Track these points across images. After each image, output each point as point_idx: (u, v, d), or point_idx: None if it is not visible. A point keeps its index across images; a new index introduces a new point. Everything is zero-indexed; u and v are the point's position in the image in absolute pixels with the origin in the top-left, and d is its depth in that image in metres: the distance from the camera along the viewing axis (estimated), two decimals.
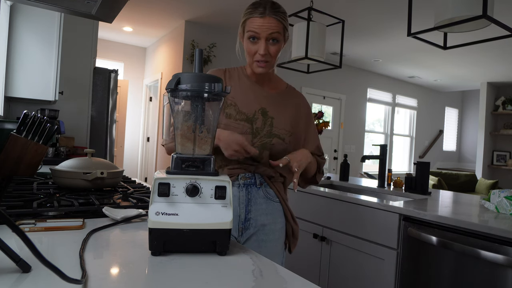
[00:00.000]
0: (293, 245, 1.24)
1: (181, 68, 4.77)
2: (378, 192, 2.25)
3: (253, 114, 1.14)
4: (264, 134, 1.13)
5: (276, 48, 1.10)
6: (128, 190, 1.21)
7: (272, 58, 1.11)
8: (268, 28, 1.05)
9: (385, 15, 4.10)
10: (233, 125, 1.11)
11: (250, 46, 1.10)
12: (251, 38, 1.08)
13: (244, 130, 1.12)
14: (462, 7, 1.66)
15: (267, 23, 1.05)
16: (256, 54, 1.09)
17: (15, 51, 2.57)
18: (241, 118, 1.13)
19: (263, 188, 1.15)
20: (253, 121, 1.13)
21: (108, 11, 1.12)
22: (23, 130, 1.44)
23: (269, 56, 1.10)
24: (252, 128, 1.13)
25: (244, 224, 1.13)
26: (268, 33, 1.06)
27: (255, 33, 1.07)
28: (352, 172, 6.27)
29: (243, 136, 1.03)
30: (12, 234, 0.52)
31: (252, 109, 1.15)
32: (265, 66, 1.11)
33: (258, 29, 1.06)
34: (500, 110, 7.07)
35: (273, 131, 1.14)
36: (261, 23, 1.05)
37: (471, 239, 1.37)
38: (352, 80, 6.74)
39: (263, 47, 1.07)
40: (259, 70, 1.12)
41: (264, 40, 1.07)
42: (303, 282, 0.58)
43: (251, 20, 1.08)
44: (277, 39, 1.09)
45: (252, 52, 1.10)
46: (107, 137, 3.69)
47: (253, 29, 1.07)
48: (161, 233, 0.65)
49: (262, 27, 1.05)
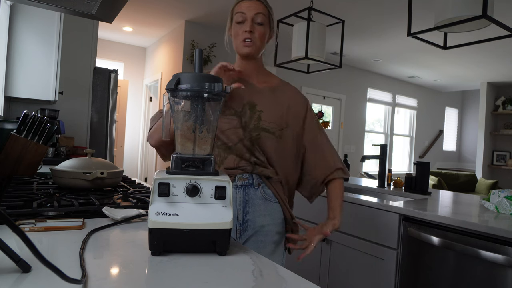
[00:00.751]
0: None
1: (181, 68, 4.77)
2: (378, 192, 2.25)
3: (241, 108, 1.15)
4: (252, 128, 1.13)
5: (262, 30, 1.14)
6: (128, 190, 1.21)
7: (258, 39, 1.14)
8: (254, 8, 1.12)
9: (385, 15, 4.10)
10: (224, 120, 1.13)
11: (237, 29, 1.15)
12: (239, 22, 1.14)
13: (234, 125, 1.13)
14: (462, 7, 1.66)
15: (253, 4, 1.13)
16: (242, 33, 1.13)
17: (15, 51, 2.57)
18: (230, 113, 1.14)
19: (261, 189, 1.14)
20: (241, 115, 1.14)
21: (108, 11, 1.13)
22: (23, 130, 1.44)
23: (255, 36, 1.13)
24: (241, 122, 1.13)
25: (242, 226, 1.12)
26: (254, 13, 1.12)
27: (242, 13, 1.12)
28: (352, 172, 6.27)
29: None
30: (12, 234, 0.52)
31: (240, 103, 1.15)
32: (251, 45, 1.14)
33: (245, 9, 1.12)
34: (500, 110, 7.07)
35: (261, 124, 1.13)
36: (248, 4, 1.13)
37: (471, 239, 1.37)
38: (352, 80, 6.74)
39: (249, 24, 1.12)
40: (245, 50, 1.14)
41: (250, 20, 1.12)
42: (303, 282, 0.58)
43: (239, 4, 1.15)
44: (263, 22, 1.14)
45: (240, 33, 1.14)
46: (107, 137, 3.69)
47: (240, 10, 1.13)
48: (161, 233, 0.65)
49: (249, 8, 1.12)
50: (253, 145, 1.13)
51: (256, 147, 1.13)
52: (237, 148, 1.12)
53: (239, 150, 1.12)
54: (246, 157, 1.13)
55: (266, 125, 1.14)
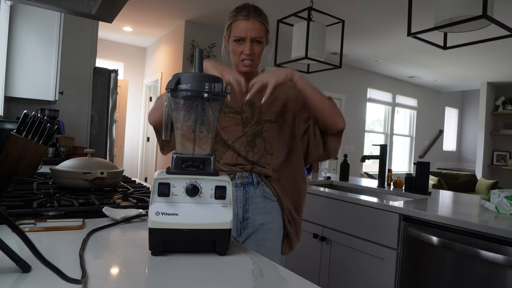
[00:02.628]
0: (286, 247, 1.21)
1: (181, 68, 4.76)
2: (378, 192, 2.25)
3: (240, 107, 1.19)
4: (254, 123, 1.17)
5: (260, 48, 1.17)
6: (128, 190, 1.21)
7: (256, 57, 1.17)
8: (252, 30, 1.13)
9: (385, 15, 4.10)
10: (224, 119, 1.17)
11: (236, 47, 1.16)
12: (237, 40, 1.15)
13: (234, 122, 1.17)
14: (462, 7, 1.66)
15: (251, 25, 1.13)
16: (241, 54, 1.15)
17: (15, 51, 2.57)
18: (230, 111, 1.19)
19: (260, 187, 1.17)
20: (241, 113, 1.19)
21: (108, 11, 1.13)
22: (23, 130, 1.44)
23: (254, 55, 1.15)
24: (242, 119, 1.18)
25: (242, 224, 1.15)
26: (252, 36, 1.13)
27: (241, 35, 1.13)
28: (352, 172, 6.27)
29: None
30: (12, 234, 0.52)
31: (240, 103, 1.19)
32: (250, 65, 1.16)
33: (244, 31, 1.13)
34: (500, 110, 7.07)
35: (263, 117, 1.18)
36: (246, 25, 1.13)
37: (471, 239, 1.37)
38: (352, 80, 6.74)
39: (248, 46, 1.13)
40: (244, 69, 1.17)
41: (249, 41, 1.13)
42: (303, 282, 0.58)
43: (236, 23, 1.15)
44: (261, 41, 1.16)
45: (238, 52, 1.16)
46: (107, 137, 3.69)
47: (238, 32, 1.14)
48: (161, 233, 0.65)
49: (247, 29, 1.13)
50: (254, 140, 1.16)
51: (255, 143, 1.16)
52: (236, 145, 1.16)
53: (238, 146, 1.16)
54: (243, 155, 1.16)
55: (267, 117, 1.18)
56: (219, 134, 1.17)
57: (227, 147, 1.17)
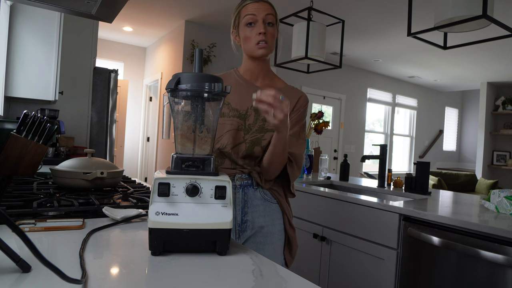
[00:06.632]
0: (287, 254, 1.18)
1: (181, 68, 4.77)
2: (378, 192, 2.25)
3: (245, 110, 1.14)
4: (255, 130, 1.12)
5: (273, 31, 1.13)
6: (128, 190, 1.21)
7: (270, 40, 1.13)
8: (263, 9, 1.10)
9: (385, 15, 4.10)
10: (227, 122, 1.12)
11: (248, 32, 1.12)
12: (249, 23, 1.11)
13: (236, 126, 1.12)
14: (462, 7, 1.66)
15: (262, 6, 1.11)
16: (256, 36, 1.11)
17: (15, 51, 2.57)
18: (234, 114, 1.13)
19: (260, 189, 1.14)
20: (245, 118, 1.13)
21: (108, 11, 1.13)
22: (23, 130, 1.44)
23: (268, 37, 1.11)
24: (245, 125, 1.13)
25: (241, 226, 1.12)
26: (265, 14, 1.10)
27: (253, 15, 1.10)
28: (352, 172, 6.27)
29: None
30: (12, 234, 0.52)
31: (245, 106, 1.14)
32: (266, 47, 1.12)
33: (255, 11, 1.10)
34: (500, 110, 7.07)
35: (266, 125, 1.12)
36: (256, 6, 1.11)
37: (471, 239, 1.37)
38: (352, 80, 6.74)
39: (262, 26, 1.10)
40: (260, 52, 1.12)
41: (262, 21, 1.10)
42: (303, 282, 0.58)
43: (246, 7, 1.12)
44: (273, 23, 1.13)
45: (252, 35, 1.12)
46: (107, 137, 3.69)
47: (250, 12, 1.11)
48: (161, 233, 0.65)
49: (259, 9, 1.10)
50: (252, 148, 1.11)
51: (253, 151, 1.11)
52: (233, 153, 1.11)
53: (234, 156, 1.11)
54: (240, 163, 1.12)
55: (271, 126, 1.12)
56: (217, 141, 1.11)
57: (223, 157, 1.13)
